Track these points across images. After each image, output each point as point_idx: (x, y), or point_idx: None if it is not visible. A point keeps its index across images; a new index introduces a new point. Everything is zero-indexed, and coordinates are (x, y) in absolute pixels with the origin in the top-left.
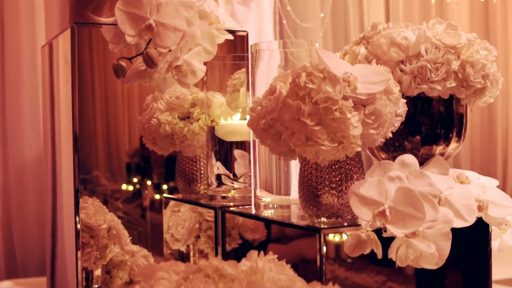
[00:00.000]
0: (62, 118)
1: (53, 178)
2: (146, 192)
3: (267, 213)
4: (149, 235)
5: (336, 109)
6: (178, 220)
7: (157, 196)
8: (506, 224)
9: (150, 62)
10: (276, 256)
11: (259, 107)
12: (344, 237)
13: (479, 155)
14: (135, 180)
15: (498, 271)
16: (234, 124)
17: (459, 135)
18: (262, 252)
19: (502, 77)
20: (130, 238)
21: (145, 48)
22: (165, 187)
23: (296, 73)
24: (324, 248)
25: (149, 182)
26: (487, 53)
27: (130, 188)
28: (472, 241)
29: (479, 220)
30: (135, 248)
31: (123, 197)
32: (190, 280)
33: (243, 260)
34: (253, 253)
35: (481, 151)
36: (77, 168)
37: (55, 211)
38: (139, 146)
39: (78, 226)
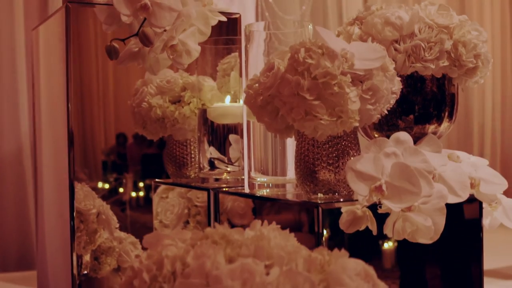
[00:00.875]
0: (47, 103)
1: (34, 170)
2: (125, 189)
3: (262, 192)
4: (130, 230)
5: (335, 84)
6: (167, 206)
7: (134, 194)
8: (496, 202)
9: (146, 40)
10: (279, 226)
11: (256, 84)
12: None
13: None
14: (111, 177)
15: (488, 262)
16: (226, 106)
17: (451, 115)
18: (266, 221)
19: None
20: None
21: (140, 28)
22: (141, 184)
23: (295, 49)
24: (322, 223)
25: (125, 180)
26: (478, 34)
27: (107, 186)
28: (464, 219)
29: (470, 198)
30: (123, 235)
31: (100, 194)
32: (198, 246)
33: (247, 230)
34: (257, 223)
35: (457, 146)
36: (73, 160)
37: (37, 204)
38: (115, 144)
39: (74, 222)
